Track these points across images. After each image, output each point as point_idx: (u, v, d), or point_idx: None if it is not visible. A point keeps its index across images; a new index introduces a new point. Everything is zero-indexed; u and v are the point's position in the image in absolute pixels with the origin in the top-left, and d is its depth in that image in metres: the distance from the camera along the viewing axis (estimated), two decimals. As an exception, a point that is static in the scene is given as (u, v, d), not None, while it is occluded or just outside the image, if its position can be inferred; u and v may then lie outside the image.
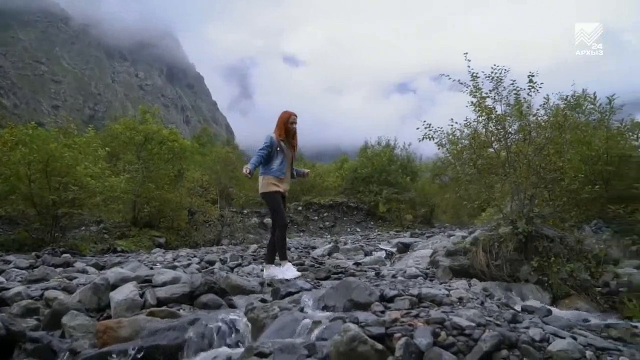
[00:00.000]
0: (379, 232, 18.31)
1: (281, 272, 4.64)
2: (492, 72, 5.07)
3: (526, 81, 5.03)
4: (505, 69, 5.08)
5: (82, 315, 3.16)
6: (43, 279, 4.77)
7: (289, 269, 4.66)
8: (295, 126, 4.94)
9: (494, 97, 5.11)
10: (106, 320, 3.04)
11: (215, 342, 2.65)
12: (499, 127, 5.10)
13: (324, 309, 3.02)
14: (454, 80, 5.36)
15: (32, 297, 3.68)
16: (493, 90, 5.11)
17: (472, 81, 5.14)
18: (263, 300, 3.47)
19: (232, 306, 3.54)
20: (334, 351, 2.14)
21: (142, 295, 3.42)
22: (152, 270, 4.94)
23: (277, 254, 4.85)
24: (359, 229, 20.62)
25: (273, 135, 4.83)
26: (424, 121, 5.40)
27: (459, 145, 5.52)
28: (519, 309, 3.42)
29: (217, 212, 16.06)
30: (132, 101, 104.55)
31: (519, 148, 4.94)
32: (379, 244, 10.17)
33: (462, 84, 5.20)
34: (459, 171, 5.70)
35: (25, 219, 11.02)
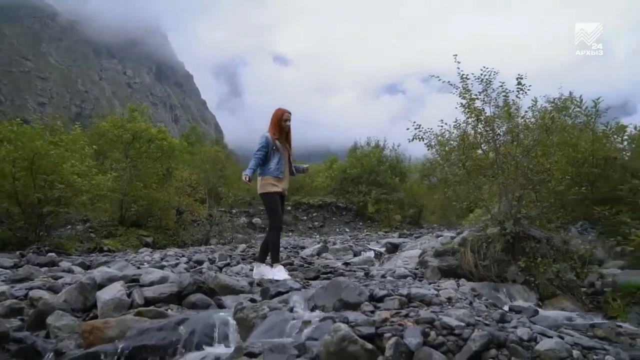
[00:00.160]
0: (367, 233, 18.36)
1: (272, 272, 4.63)
2: (481, 74, 5.11)
3: (515, 83, 5.08)
4: (494, 71, 5.13)
5: (67, 315, 3.12)
6: (27, 278, 4.68)
7: (280, 271, 4.64)
8: (289, 123, 4.90)
9: (483, 99, 5.15)
10: (93, 320, 3.00)
11: (204, 342, 2.63)
12: (488, 128, 5.13)
13: (314, 308, 3.01)
14: (443, 81, 5.39)
15: (16, 297, 3.60)
16: (482, 92, 5.14)
17: (461, 83, 5.17)
18: (252, 300, 3.45)
19: (221, 306, 3.52)
20: (324, 351, 2.13)
21: (129, 295, 3.39)
22: (139, 269, 4.89)
23: (270, 255, 4.82)
24: (347, 229, 20.66)
25: (267, 135, 4.77)
26: (414, 122, 5.41)
27: (447, 147, 5.56)
28: (507, 309, 3.45)
29: (206, 212, 15.96)
30: (119, 99, 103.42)
31: (508, 150, 4.99)
32: (368, 244, 10.21)
33: (452, 85, 5.23)
34: (448, 172, 5.74)
35: (9, 217, 10.81)
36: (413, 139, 5.44)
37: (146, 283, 3.73)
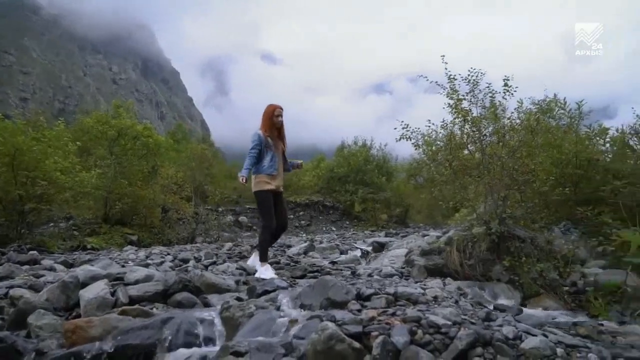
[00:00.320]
0: (354, 232, 18.41)
1: (259, 272, 4.62)
2: (468, 75, 5.15)
3: (501, 85, 5.13)
4: (481, 72, 5.17)
5: (49, 315, 3.05)
6: (8, 276, 4.58)
7: (267, 270, 4.63)
8: (281, 119, 4.86)
9: (470, 100, 5.20)
10: (75, 319, 2.94)
11: (190, 341, 2.60)
12: (475, 129, 5.18)
13: (301, 307, 3.00)
14: (431, 81, 5.42)
15: (-4, 296, 3.53)
16: (469, 93, 5.19)
17: (449, 83, 5.21)
18: (239, 299, 3.42)
19: (207, 305, 3.48)
20: (311, 350, 2.13)
21: (113, 294, 3.33)
22: (124, 268, 4.82)
23: (258, 254, 4.80)
24: (334, 228, 20.69)
25: (260, 132, 4.73)
26: (402, 121, 5.44)
27: (434, 147, 5.59)
28: (492, 307, 3.49)
29: (192, 210, 15.83)
30: (104, 95, 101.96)
31: (494, 150, 5.04)
32: (355, 243, 10.23)
33: (439, 85, 5.26)
34: (434, 172, 5.78)
35: (-11, 214, 10.59)
36: (401, 139, 5.47)
37: (131, 281, 3.67)
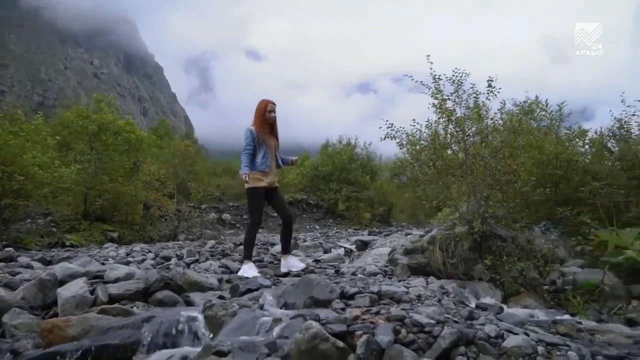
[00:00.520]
0: (337, 230, 18.42)
1: (242, 270, 4.60)
2: (453, 75, 5.19)
3: (485, 86, 5.19)
4: (465, 72, 5.22)
5: (25, 313, 2.98)
6: (-18, 274, 4.45)
7: (250, 268, 4.61)
8: (274, 115, 4.84)
9: (455, 100, 5.24)
10: (53, 318, 2.88)
11: (171, 340, 2.57)
12: (459, 129, 5.22)
13: (284, 306, 2.98)
14: (416, 81, 5.45)
15: (-31, 294, 3.42)
16: (454, 93, 5.23)
17: (434, 83, 5.24)
18: (221, 297, 3.39)
19: (189, 303, 3.45)
20: (295, 349, 2.11)
21: (92, 292, 3.27)
22: (103, 265, 4.73)
23: (244, 250, 4.82)
24: (318, 226, 20.69)
25: (252, 129, 4.71)
26: (387, 121, 5.45)
27: (417, 146, 5.62)
28: (474, 306, 3.53)
29: (174, 207, 15.63)
30: (85, 89, 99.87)
31: (477, 150, 5.09)
32: (338, 241, 10.23)
33: (424, 85, 5.29)
34: (418, 171, 5.81)
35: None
36: (385, 138, 5.48)
37: (111, 279, 3.61)
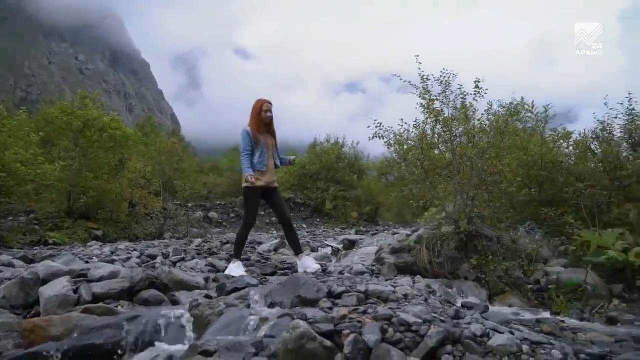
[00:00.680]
0: (325, 229, 18.42)
1: (229, 268, 4.58)
2: (441, 76, 5.22)
3: (473, 87, 5.23)
4: (453, 73, 5.25)
5: (6, 313, 2.92)
6: (-38, 272, 4.35)
7: (238, 267, 4.59)
8: (270, 114, 4.82)
9: (442, 101, 5.27)
10: (35, 318, 2.82)
11: (157, 340, 2.54)
12: (446, 129, 5.26)
13: (272, 305, 2.97)
14: (405, 81, 5.47)
15: (-52, 293, 3.34)
16: (442, 94, 5.26)
17: (422, 83, 5.26)
18: (208, 297, 3.36)
19: (175, 302, 3.41)
20: (282, 348, 2.10)
21: (76, 291, 3.21)
22: (88, 264, 4.65)
23: (234, 249, 4.78)
24: (305, 225, 20.66)
25: (248, 129, 4.69)
26: (375, 120, 5.47)
27: (405, 146, 5.65)
28: (460, 305, 3.56)
29: (160, 205, 15.46)
30: (70, 85, 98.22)
31: (464, 151, 5.13)
32: (326, 240, 10.23)
33: (412, 85, 5.31)
34: (405, 171, 5.84)
35: (-57, 207, 10.05)
36: (373, 137, 5.50)
37: (95, 278, 3.55)
